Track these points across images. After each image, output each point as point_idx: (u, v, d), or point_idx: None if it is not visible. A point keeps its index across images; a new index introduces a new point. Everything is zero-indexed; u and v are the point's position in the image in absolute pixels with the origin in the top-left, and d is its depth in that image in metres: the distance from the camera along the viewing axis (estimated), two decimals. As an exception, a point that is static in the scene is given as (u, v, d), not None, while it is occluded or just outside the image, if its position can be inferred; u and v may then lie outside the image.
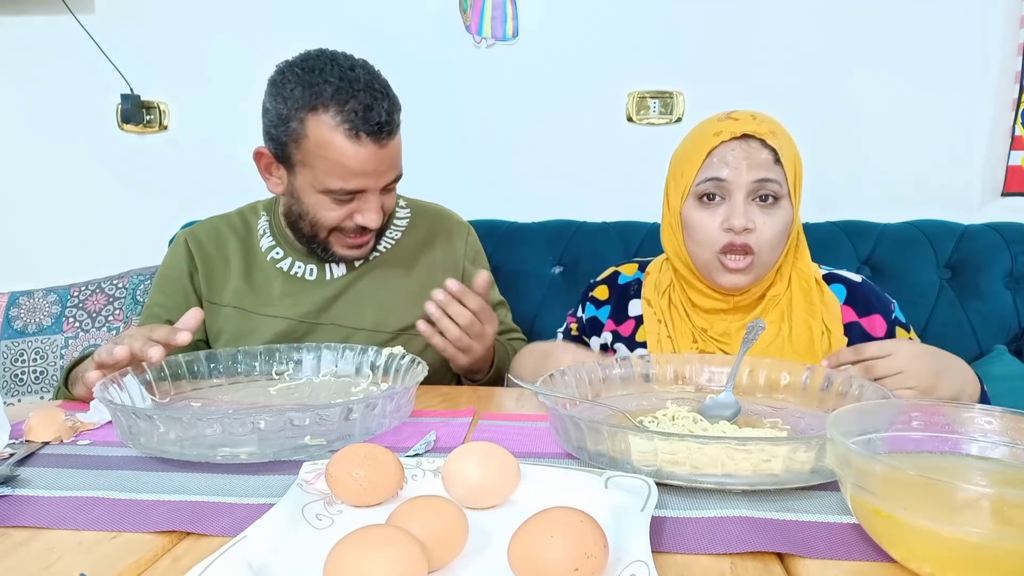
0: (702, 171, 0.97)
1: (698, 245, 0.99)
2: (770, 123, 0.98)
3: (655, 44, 1.73)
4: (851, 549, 0.50)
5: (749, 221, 0.94)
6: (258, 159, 1.12)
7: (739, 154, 0.95)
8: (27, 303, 1.50)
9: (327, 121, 1.01)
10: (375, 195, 1.08)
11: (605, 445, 0.63)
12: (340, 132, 1.01)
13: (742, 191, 0.94)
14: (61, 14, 1.78)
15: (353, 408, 0.70)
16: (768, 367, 0.86)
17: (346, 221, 1.09)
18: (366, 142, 1.02)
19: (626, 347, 1.08)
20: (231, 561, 0.44)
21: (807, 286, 1.02)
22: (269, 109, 1.07)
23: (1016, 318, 1.45)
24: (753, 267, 0.96)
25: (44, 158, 1.91)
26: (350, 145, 1.01)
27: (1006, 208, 1.67)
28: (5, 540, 0.53)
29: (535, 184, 1.79)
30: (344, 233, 1.11)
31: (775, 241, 0.96)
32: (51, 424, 0.75)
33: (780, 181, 0.95)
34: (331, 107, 1.01)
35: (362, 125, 1.01)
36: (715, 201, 0.97)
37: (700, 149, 0.97)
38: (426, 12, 1.75)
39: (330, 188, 1.04)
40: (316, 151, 1.03)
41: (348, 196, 1.06)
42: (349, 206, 1.08)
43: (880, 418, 0.60)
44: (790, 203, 0.97)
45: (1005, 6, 1.63)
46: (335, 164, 1.02)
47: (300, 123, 1.02)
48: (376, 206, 1.08)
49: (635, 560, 0.44)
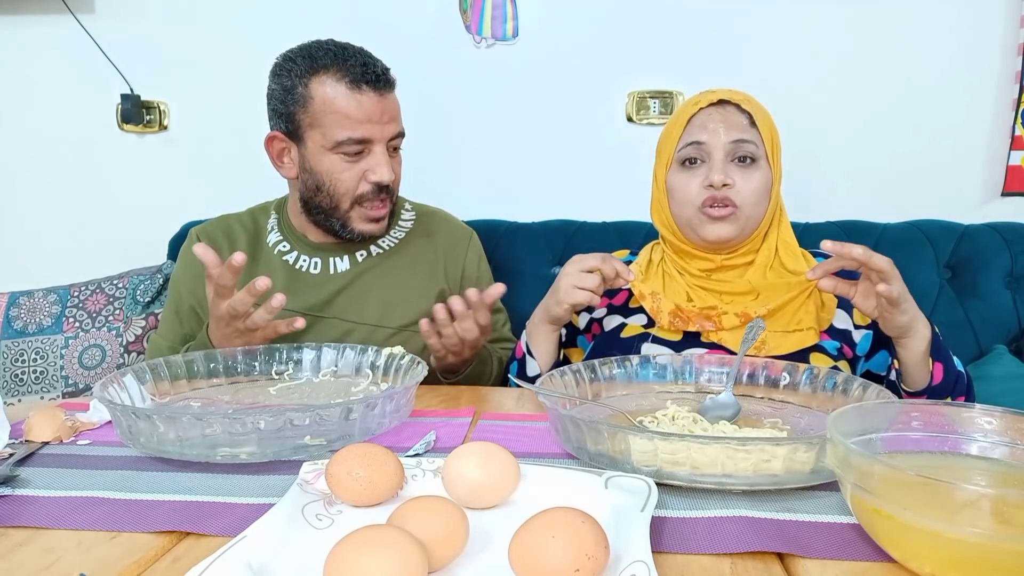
0: (683, 138, 1.04)
1: (681, 206, 1.04)
2: (746, 94, 1.05)
3: (655, 44, 1.73)
4: (851, 549, 0.50)
5: (728, 178, 0.99)
6: (269, 145, 1.16)
7: (716, 118, 1.01)
8: (27, 303, 1.50)
9: (329, 80, 1.09)
10: (382, 149, 1.12)
11: (605, 445, 0.63)
12: (343, 86, 1.08)
13: (720, 151, 1.00)
14: (61, 14, 1.78)
15: (353, 408, 0.70)
16: (768, 367, 0.86)
17: (361, 185, 1.12)
18: (367, 91, 1.09)
19: (620, 316, 1.11)
20: (231, 561, 0.44)
21: (793, 253, 1.07)
22: (275, 89, 1.13)
23: (1016, 318, 1.45)
24: (736, 219, 1.01)
25: (44, 158, 1.91)
26: (352, 96, 1.08)
27: (1006, 208, 1.67)
28: (5, 540, 0.53)
29: (535, 184, 1.79)
30: (363, 203, 1.14)
31: (756, 197, 1.01)
32: (51, 424, 0.75)
33: (756, 143, 1.01)
34: (331, 68, 1.09)
35: (361, 77, 1.09)
36: (696, 164, 1.02)
37: (680, 119, 1.05)
38: (426, 12, 1.75)
39: (339, 140, 1.09)
40: (323, 108, 1.09)
41: (357, 149, 1.10)
42: (360, 165, 1.12)
43: (880, 418, 0.60)
44: (768, 166, 1.02)
45: (1005, 6, 1.63)
46: (341, 116, 1.08)
47: (305, 87, 1.09)
48: (385, 160, 1.12)
49: (635, 560, 0.44)
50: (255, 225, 1.26)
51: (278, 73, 1.13)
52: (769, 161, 1.02)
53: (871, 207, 1.63)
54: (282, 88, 1.12)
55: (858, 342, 1.03)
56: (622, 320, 1.10)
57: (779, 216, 1.08)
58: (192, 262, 1.18)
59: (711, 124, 1.01)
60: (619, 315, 1.11)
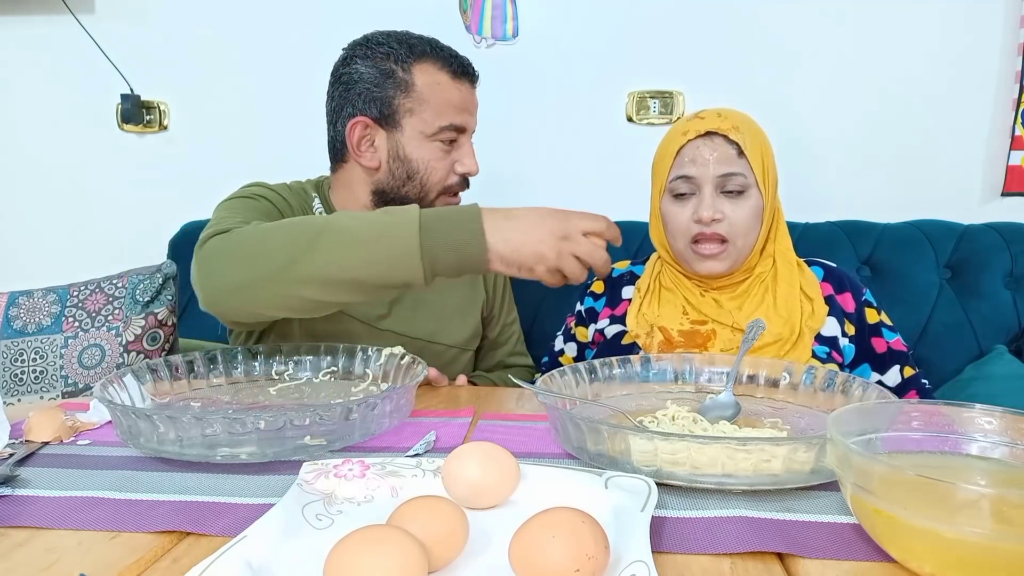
0: (673, 169, 1.05)
1: (673, 237, 1.07)
2: (734, 118, 1.04)
3: (655, 44, 1.73)
4: (851, 549, 0.50)
5: (717, 212, 1.01)
6: (351, 133, 1.09)
7: (704, 151, 1.02)
8: (27, 303, 1.50)
9: (431, 67, 1.08)
10: (470, 141, 1.13)
11: (605, 445, 0.63)
12: (445, 73, 1.09)
13: (709, 184, 1.02)
14: (61, 14, 1.78)
15: (353, 408, 0.70)
16: (768, 367, 0.86)
17: (450, 176, 1.11)
18: (464, 82, 1.11)
19: (621, 324, 1.12)
20: (231, 561, 0.44)
21: (790, 266, 1.09)
22: (367, 73, 1.08)
23: (1016, 318, 1.45)
24: (728, 254, 1.03)
25: (44, 158, 1.91)
26: (454, 84, 1.09)
27: (1006, 208, 1.67)
28: (5, 540, 0.53)
29: (535, 184, 1.79)
30: (447, 192, 1.13)
31: (746, 227, 1.03)
32: (51, 424, 0.75)
33: (745, 173, 1.02)
34: (431, 55, 1.09)
35: (459, 68, 1.10)
36: (686, 196, 1.04)
37: (670, 148, 1.06)
38: (426, 12, 1.75)
39: (442, 126, 1.08)
40: (427, 93, 1.07)
41: (453, 137, 1.10)
42: (451, 155, 1.11)
43: (880, 418, 0.60)
44: (759, 192, 1.03)
45: (1005, 6, 1.63)
46: (444, 101, 1.08)
47: (407, 72, 1.08)
48: (473, 151, 1.13)
49: (635, 560, 0.44)
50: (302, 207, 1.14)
51: (370, 56, 1.09)
52: (760, 187, 1.03)
53: (871, 207, 1.63)
54: (378, 71, 1.07)
55: (843, 348, 1.06)
56: (622, 328, 1.12)
57: (775, 228, 1.09)
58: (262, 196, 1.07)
59: (699, 158, 1.02)
60: (620, 324, 1.13)
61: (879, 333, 1.08)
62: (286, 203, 1.10)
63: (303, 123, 1.51)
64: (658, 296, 1.12)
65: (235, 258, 0.86)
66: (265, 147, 1.84)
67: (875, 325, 1.08)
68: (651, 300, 1.12)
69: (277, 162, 1.59)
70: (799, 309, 1.05)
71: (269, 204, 1.07)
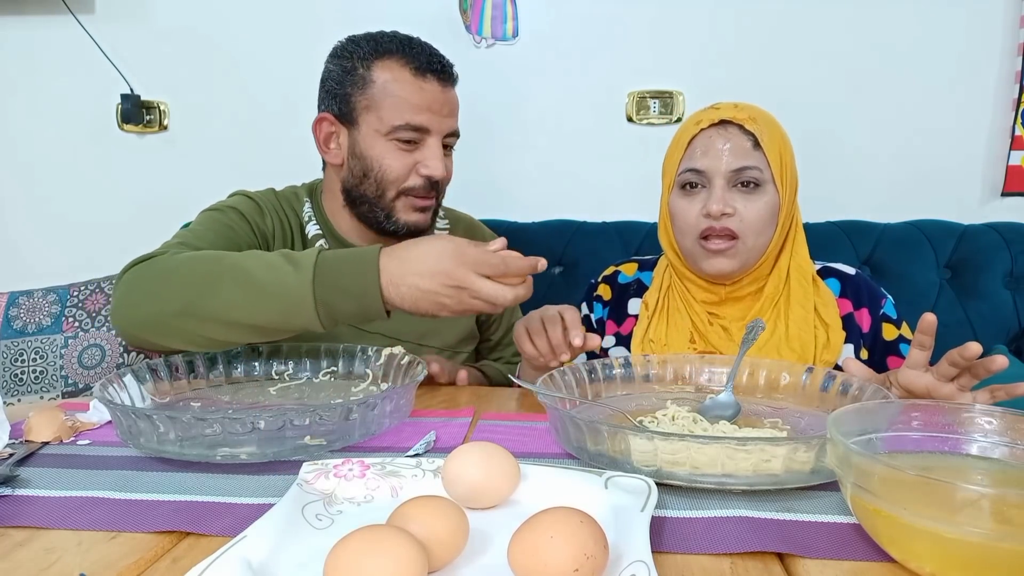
0: (683, 161, 0.99)
1: (681, 233, 1.00)
2: (752, 110, 0.98)
3: (655, 44, 1.73)
4: (851, 549, 0.50)
5: (727, 206, 0.94)
6: (317, 128, 1.11)
7: (718, 141, 0.96)
8: (27, 303, 1.50)
9: (393, 64, 1.06)
10: (437, 143, 1.09)
11: (605, 445, 0.63)
12: (407, 71, 1.06)
13: (722, 178, 0.95)
14: (61, 14, 1.78)
15: (353, 408, 0.70)
16: (768, 367, 0.86)
17: (411, 177, 1.08)
18: (431, 80, 1.06)
19: (626, 348, 1.08)
20: (231, 561, 0.44)
21: (805, 283, 1.02)
22: (332, 69, 1.10)
23: (1016, 318, 1.45)
24: (737, 252, 0.96)
25: (44, 158, 1.91)
26: (415, 82, 1.06)
27: (1006, 208, 1.67)
28: (5, 540, 0.53)
29: (535, 184, 1.79)
30: (410, 193, 1.09)
31: (760, 225, 0.96)
32: (51, 424, 0.75)
33: (761, 167, 0.95)
34: (396, 53, 1.07)
35: (427, 65, 1.06)
36: (696, 189, 0.98)
37: (682, 139, 1.00)
38: (426, 12, 1.75)
39: (396, 125, 1.05)
40: (383, 90, 1.06)
41: (413, 137, 1.06)
42: (413, 155, 1.08)
43: (880, 418, 0.60)
44: (775, 188, 0.97)
45: (1005, 6, 1.63)
46: (401, 100, 1.05)
47: (367, 69, 1.06)
48: (439, 154, 1.09)
49: (635, 560, 0.44)
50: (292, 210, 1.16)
51: (339, 54, 1.09)
52: (776, 184, 0.96)
53: (871, 207, 1.63)
54: (341, 69, 1.08)
55: None
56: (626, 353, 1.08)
57: (793, 237, 1.02)
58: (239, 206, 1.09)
59: (712, 149, 0.95)
60: (624, 347, 1.09)
61: (896, 351, 0.99)
62: (263, 212, 1.11)
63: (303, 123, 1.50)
64: (666, 317, 1.06)
65: (144, 292, 0.89)
66: (265, 147, 1.84)
67: (892, 342, 1.00)
68: (658, 322, 1.05)
69: (277, 162, 1.59)
70: (812, 340, 0.98)
71: (238, 216, 1.08)
